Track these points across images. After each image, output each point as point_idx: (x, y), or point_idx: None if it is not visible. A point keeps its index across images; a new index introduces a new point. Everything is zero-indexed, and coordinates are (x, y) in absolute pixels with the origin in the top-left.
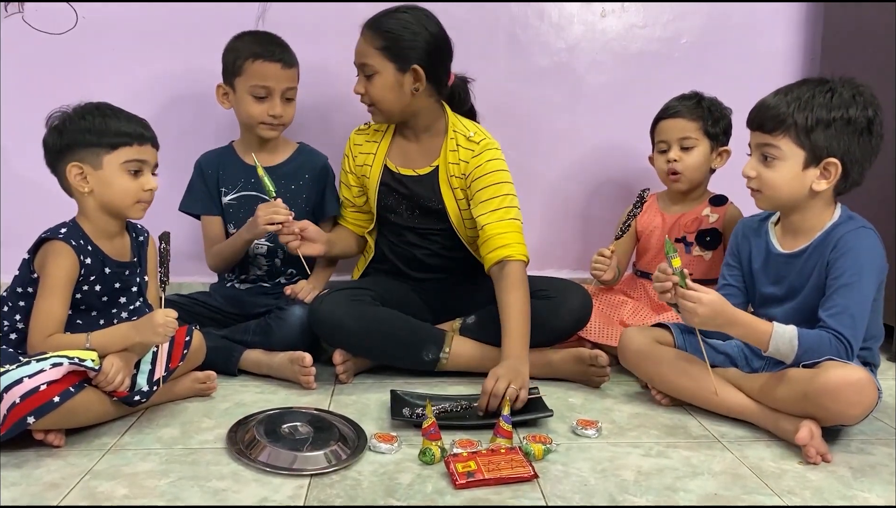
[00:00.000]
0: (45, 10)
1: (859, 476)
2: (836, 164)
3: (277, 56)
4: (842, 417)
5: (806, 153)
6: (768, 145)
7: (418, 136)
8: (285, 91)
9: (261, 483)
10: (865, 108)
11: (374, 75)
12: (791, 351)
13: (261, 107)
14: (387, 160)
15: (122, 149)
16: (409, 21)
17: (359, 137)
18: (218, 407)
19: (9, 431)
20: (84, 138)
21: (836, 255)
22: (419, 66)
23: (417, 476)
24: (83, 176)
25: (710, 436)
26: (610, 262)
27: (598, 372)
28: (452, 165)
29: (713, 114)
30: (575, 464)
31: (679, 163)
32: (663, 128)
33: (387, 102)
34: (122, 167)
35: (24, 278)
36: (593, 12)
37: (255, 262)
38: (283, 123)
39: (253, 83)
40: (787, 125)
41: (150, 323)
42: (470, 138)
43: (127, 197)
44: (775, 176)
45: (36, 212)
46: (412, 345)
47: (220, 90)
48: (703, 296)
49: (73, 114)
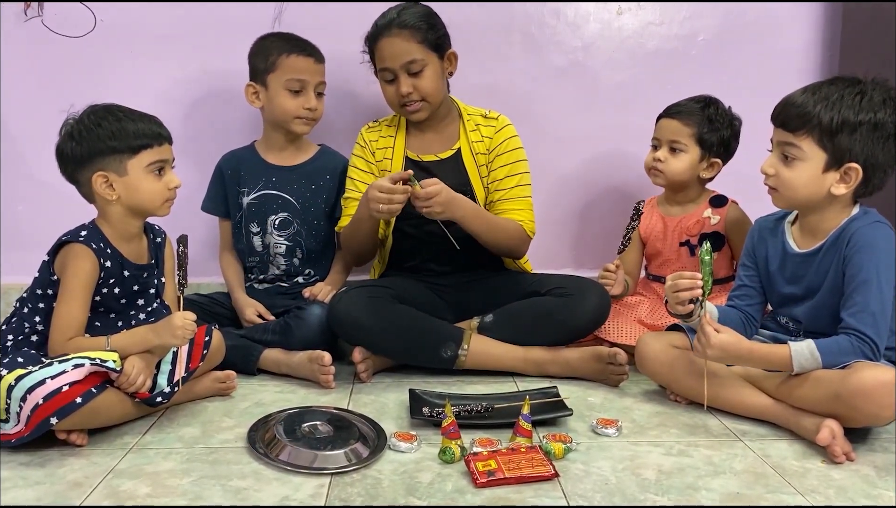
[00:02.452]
0: (63, 14)
1: (884, 476)
2: (856, 169)
3: (309, 51)
4: (874, 419)
5: (827, 156)
6: (789, 144)
7: (436, 124)
8: (318, 85)
9: (282, 481)
10: (894, 111)
11: (423, 69)
12: (816, 363)
13: (296, 102)
14: (407, 151)
15: (144, 153)
16: (429, 10)
17: (371, 134)
18: (238, 406)
19: (32, 432)
20: (105, 146)
21: (851, 251)
22: (453, 50)
23: (437, 475)
24: (109, 184)
25: (731, 435)
26: (616, 276)
27: (616, 370)
28: (476, 144)
29: (713, 124)
30: (595, 463)
31: (663, 163)
32: (661, 124)
33: (437, 93)
34: (147, 169)
35: (43, 280)
36: (609, 10)
37: (274, 261)
38: (315, 118)
39: (288, 77)
40: (812, 125)
41: (169, 326)
42: (487, 116)
43: (156, 197)
44: (793, 176)
45: (56, 216)
46: (430, 343)
47: (249, 89)
48: (713, 339)
49: (87, 122)
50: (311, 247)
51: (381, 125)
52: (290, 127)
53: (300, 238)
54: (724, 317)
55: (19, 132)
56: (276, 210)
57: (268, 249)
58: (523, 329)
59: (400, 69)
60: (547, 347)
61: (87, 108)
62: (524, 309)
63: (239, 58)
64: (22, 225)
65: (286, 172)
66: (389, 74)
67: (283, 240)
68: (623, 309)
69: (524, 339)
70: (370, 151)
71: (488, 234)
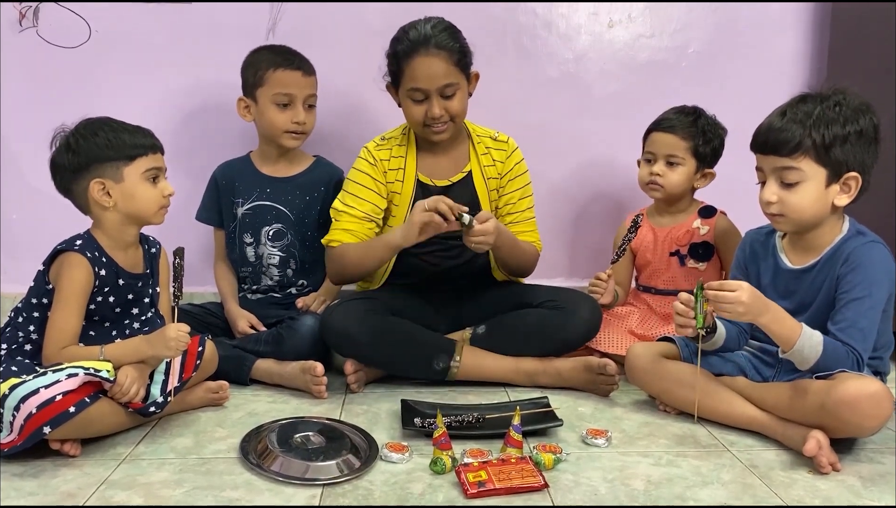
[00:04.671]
0: (58, 24)
1: (869, 486)
2: (856, 178)
3: (297, 64)
4: (859, 429)
5: (827, 171)
6: (788, 169)
7: (447, 144)
8: (307, 98)
9: (274, 492)
10: (869, 116)
11: (456, 92)
12: (813, 356)
13: (284, 116)
14: (419, 174)
15: (140, 160)
16: (456, 28)
17: (382, 153)
18: (230, 416)
19: (25, 441)
20: (104, 154)
21: (846, 270)
22: (476, 71)
23: (429, 486)
24: (106, 191)
25: (719, 445)
26: (607, 285)
27: (606, 380)
28: (488, 168)
29: (706, 135)
30: (585, 473)
31: (662, 178)
32: (654, 139)
33: (463, 114)
34: (143, 176)
35: (38, 289)
36: (601, 23)
37: (267, 272)
38: (305, 131)
39: (276, 91)
40: (806, 146)
41: (163, 338)
42: (496, 138)
43: (151, 204)
44: (799, 198)
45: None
46: (422, 355)
47: (241, 103)
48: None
49: (84, 132)
50: (305, 258)
51: (391, 144)
52: (279, 141)
53: (294, 249)
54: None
55: (15, 141)
56: (270, 221)
57: (261, 260)
58: (515, 340)
59: (434, 91)
60: (538, 358)
61: (82, 121)
62: (516, 321)
63: (233, 68)
64: (18, 234)
65: (281, 183)
66: (420, 95)
67: (276, 250)
68: (613, 320)
69: (516, 351)
70: (381, 171)
71: (512, 258)
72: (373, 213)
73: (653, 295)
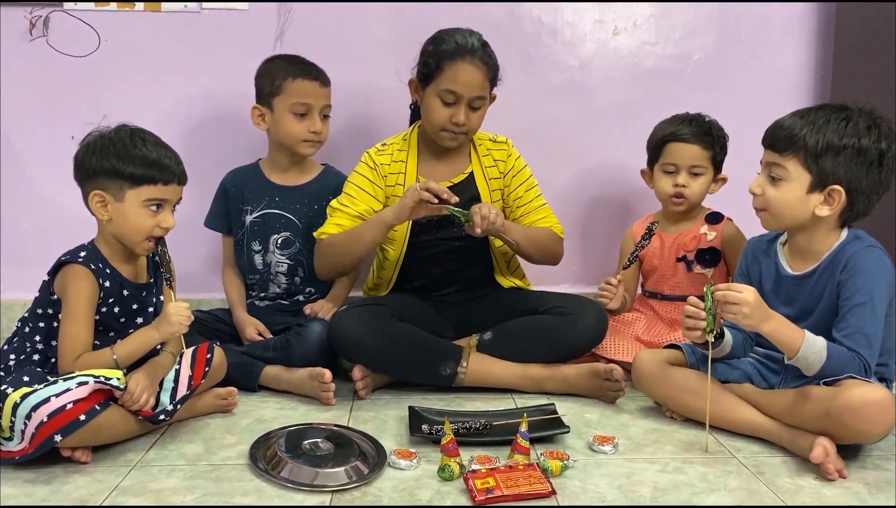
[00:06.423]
0: (68, 33)
1: (875, 492)
2: (839, 192)
3: (315, 74)
4: (864, 436)
5: (812, 177)
6: (776, 165)
7: (449, 151)
8: (323, 108)
9: (283, 498)
10: (879, 140)
11: (482, 106)
12: (818, 362)
13: (301, 125)
14: (419, 178)
15: (146, 187)
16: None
17: (382, 158)
18: (239, 423)
19: (37, 449)
20: (112, 167)
21: (846, 275)
22: (495, 92)
23: (437, 493)
24: (104, 204)
25: (725, 452)
26: (616, 291)
27: (613, 386)
28: (490, 168)
29: (720, 142)
30: (592, 480)
31: (687, 189)
32: (674, 150)
33: (478, 129)
34: (142, 204)
35: (43, 300)
36: (606, 31)
37: (275, 280)
38: (321, 141)
39: (294, 101)
40: (798, 147)
41: (166, 317)
42: (494, 140)
43: (138, 233)
44: (779, 195)
45: (57, 233)
46: (429, 361)
47: (255, 112)
48: (744, 292)
49: (109, 138)
50: (313, 266)
51: (391, 148)
52: (295, 149)
53: (302, 257)
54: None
55: (23, 150)
56: (278, 229)
57: (269, 268)
58: (522, 347)
59: (466, 99)
60: (545, 364)
61: (117, 126)
62: (523, 328)
63: (241, 78)
64: (24, 242)
65: (290, 192)
66: (452, 98)
67: (284, 258)
68: (620, 326)
69: (522, 357)
70: (380, 175)
71: (530, 245)
72: (366, 214)
73: (659, 300)
